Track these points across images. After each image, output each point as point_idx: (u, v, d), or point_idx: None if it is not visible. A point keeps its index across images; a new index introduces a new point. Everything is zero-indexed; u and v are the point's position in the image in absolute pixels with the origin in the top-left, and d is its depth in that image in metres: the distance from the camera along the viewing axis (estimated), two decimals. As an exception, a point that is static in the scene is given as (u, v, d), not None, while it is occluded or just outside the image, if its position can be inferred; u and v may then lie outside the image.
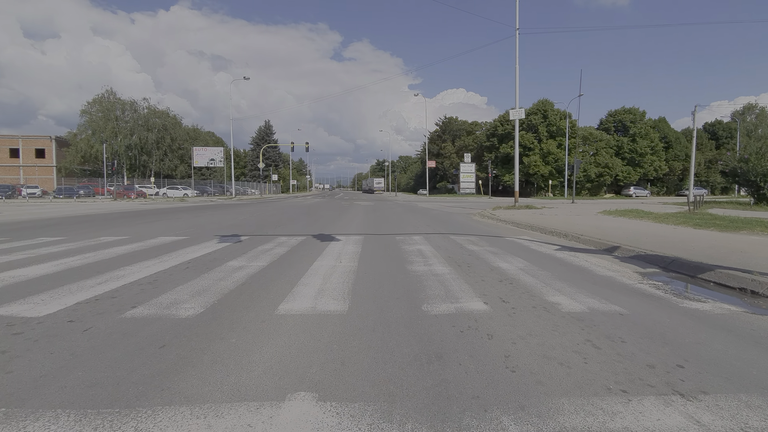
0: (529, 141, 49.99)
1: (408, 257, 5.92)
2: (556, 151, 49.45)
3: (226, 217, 13.95)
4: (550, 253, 6.37)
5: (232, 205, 24.92)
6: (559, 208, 19.54)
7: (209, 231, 9.26)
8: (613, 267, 5.33)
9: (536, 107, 51.73)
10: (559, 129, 50.83)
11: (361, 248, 6.72)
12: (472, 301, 3.63)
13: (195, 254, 6.00)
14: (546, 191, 51.58)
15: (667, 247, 6.33)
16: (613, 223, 10.61)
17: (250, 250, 6.48)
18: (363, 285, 4.22)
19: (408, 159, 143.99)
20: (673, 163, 56.13)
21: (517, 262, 5.54)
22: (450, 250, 6.63)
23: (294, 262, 5.48)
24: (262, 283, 4.29)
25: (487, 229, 10.33)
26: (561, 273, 4.90)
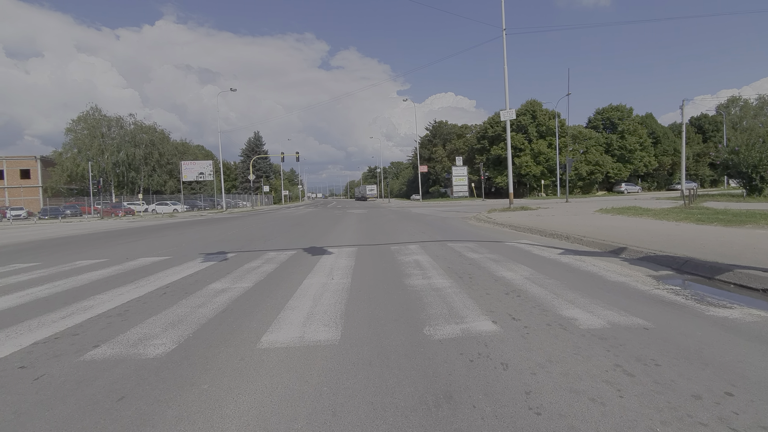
0: (519, 142, 50.09)
1: (405, 269, 5.55)
2: (547, 151, 49.58)
3: (214, 233, 13.48)
4: (554, 258, 6.04)
5: (222, 219, 24.38)
6: (555, 208, 19.33)
7: (194, 249, 8.81)
8: (623, 271, 5.00)
9: (525, 108, 51.94)
10: (548, 129, 51.04)
11: (355, 261, 6.33)
12: (479, 320, 3.26)
13: (175, 276, 5.57)
14: (538, 191, 51.64)
15: (675, 246, 6.03)
16: (612, 221, 10.33)
17: (235, 269, 6.06)
18: (357, 305, 3.83)
19: (400, 165, 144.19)
20: (662, 158, 56.60)
21: (521, 270, 5.19)
22: (449, 259, 6.27)
23: (282, 282, 5.07)
24: (246, 308, 3.88)
25: (484, 233, 10.00)
26: (570, 281, 4.56)
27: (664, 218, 10.11)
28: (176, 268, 6.25)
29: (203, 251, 8.26)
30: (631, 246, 6.21)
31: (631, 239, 6.90)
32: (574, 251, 6.61)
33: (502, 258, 6.18)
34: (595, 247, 6.84)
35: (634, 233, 7.72)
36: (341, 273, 5.44)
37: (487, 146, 55.56)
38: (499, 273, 5.08)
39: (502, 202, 33.67)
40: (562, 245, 7.38)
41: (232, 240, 10.57)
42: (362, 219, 18.13)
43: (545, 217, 12.96)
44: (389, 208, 32.68)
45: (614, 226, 9.26)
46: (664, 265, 5.23)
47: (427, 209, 26.43)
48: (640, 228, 8.57)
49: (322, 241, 9.15)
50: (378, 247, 8.01)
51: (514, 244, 7.77)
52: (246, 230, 14.09)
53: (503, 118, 17.87)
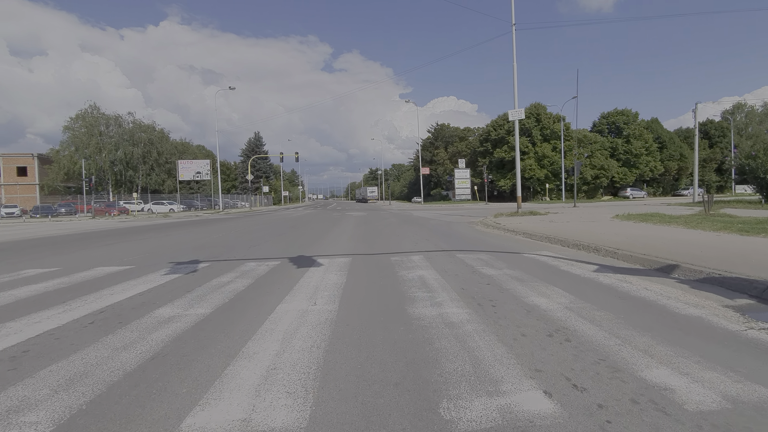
0: (523, 145, 48.92)
1: (407, 290, 4.43)
2: (551, 155, 48.47)
3: (199, 236, 12.39)
4: (591, 278, 4.91)
5: (215, 219, 23.30)
6: (565, 213, 18.20)
7: (166, 256, 7.70)
8: (689, 299, 3.87)
9: (529, 111, 50.83)
10: (553, 132, 49.94)
11: (347, 277, 5.22)
12: (523, 390, 2.13)
13: (120, 295, 4.45)
14: (542, 195, 50.49)
15: (735, 263, 4.90)
16: (640, 230, 9.20)
17: (199, 285, 4.93)
18: (341, 353, 2.71)
19: (401, 167, 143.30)
20: (668, 163, 55.42)
21: (557, 296, 4.06)
22: (461, 276, 5.15)
23: (249, 307, 3.95)
24: (185, 353, 2.76)
25: (496, 242, 8.88)
26: (627, 314, 3.43)
27: (699, 227, 8.98)
28: (130, 283, 5.13)
29: (174, 259, 7.14)
30: (683, 263, 5.08)
31: (677, 254, 5.77)
32: (612, 268, 5.48)
33: (527, 276, 5.05)
34: (636, 263, 5.71)
35: (673, 245, 6.59)
36: (327, 295, 4.31)
37: (490, 149, 54.44)
38: (530, 299, 3.95)
39: (507, 206, 32.52)
40: (592, 259, 6.25)
41: (214, 245, 9.46)
42: (361, 222, 17.02)
43: (560, 224, 11.84)
44: (390, 210, 31.58)
45: (645, 235, 8.12)
46: (738, 291, 4.10)
47: (429, 212, 25.31)
48: (677, 239, 7.43)
49: (312, 249, 8.04)
50: (376, 257, 6.90)
51: (534, 256, 6.64)
52: (234, 233, 13.00)
53: (512, 118, 16.78)
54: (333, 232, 12.52)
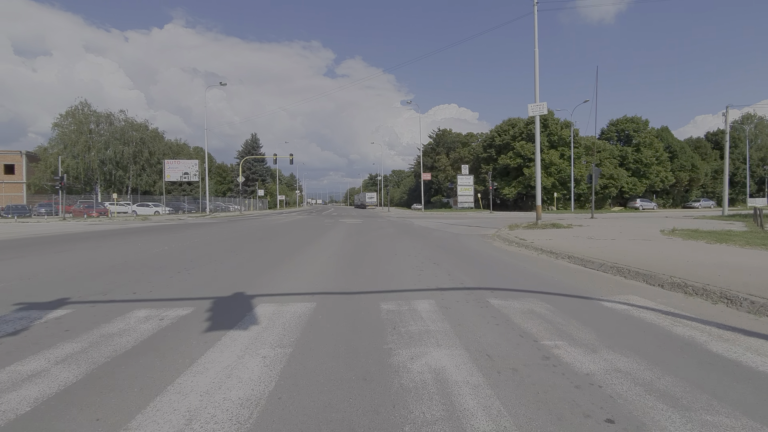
0: (529, 151, 46.39)
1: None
2: (559, 162, 45.89)
3: (144, 246, 9.63)
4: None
5: (192, 225, 20.56)
6: (591, 226, 15.47)
7: (45, 284, 4.97)
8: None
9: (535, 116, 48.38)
10: (560, 138, 47.43)
11: (280, 372, 2.45)
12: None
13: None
14: (549, 204, 47.83)
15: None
16: (732, 255, 6.47)
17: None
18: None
19: (401, 173, 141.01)
20: (679, 173, 52.83)
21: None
22: (524, 372, 2.40)
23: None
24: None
25: (535, 269, 6.15)
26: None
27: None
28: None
29: (38, 294, 4.41)
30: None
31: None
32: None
33: (672, 384, 2.30)
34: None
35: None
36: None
37: (494, 155, 51.91)
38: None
39: (517, 216, 29.76)
40: (735, 318, 3.52)
41: (141, 264, 6.72)
42: (353, 232, 14.29)
43: (601, 241, 9.12)
44: (388, 218, 28.87)
45: (761, 267, 5.39)
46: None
47: (431, 221, 22.58)
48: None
49: (266, 279, 5.32)
50: (356, 302, 4.15)
51: (628, 310, 3.88)
52: (189, 243, 10.25)
53: (532, 113, 14.16)
54: (313, 247, 9.81)
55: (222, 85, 36.18)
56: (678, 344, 2.86)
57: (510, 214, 37.73)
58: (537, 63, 14.32)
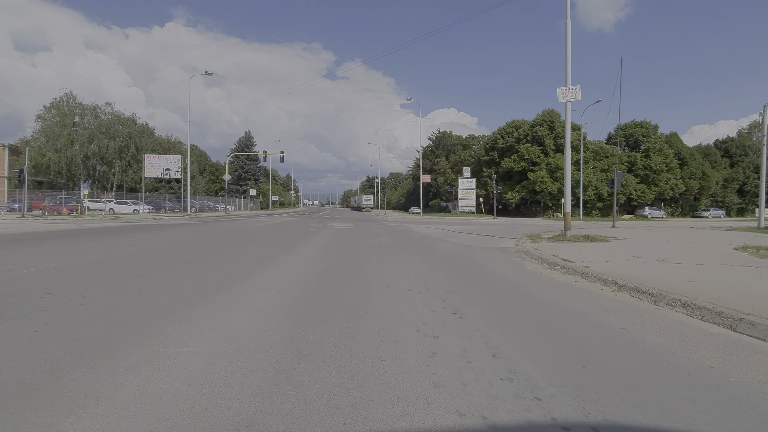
0: (534, 154, 43.73)
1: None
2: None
3: (55, 256, 6.74)
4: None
5: (159, 226, 17.63)
6: (630, 238, 12.58)
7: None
8: None
9: (542, 118, 45.74)
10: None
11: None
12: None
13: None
14: (554, 210, 45.13)
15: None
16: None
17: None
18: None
19: (399, 176, 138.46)
20: (689, 181, 50.26)
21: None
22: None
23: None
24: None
25: (657, 341, 3.33)
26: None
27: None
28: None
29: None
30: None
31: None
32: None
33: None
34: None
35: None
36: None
37: (496, 158, 49.21)
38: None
39: (526, 223, 26.92)
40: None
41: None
42: (336, 243, 11.42)
43: (683, 267, 6.32)
44: (384, 222, 26.03)
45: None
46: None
47: (432, 227, 19.74)
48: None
49: (155, 333, 2.54)
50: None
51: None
52: (120, 252, 7.36)
53: (562, 99, 11.37)
54: (273, 267, 6.95)
55: (207, 74, 33.37)
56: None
57: (515, 220, 34.96)
58: (569, 37, 11.54)
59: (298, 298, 4.59)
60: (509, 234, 15.19)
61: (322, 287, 5.20)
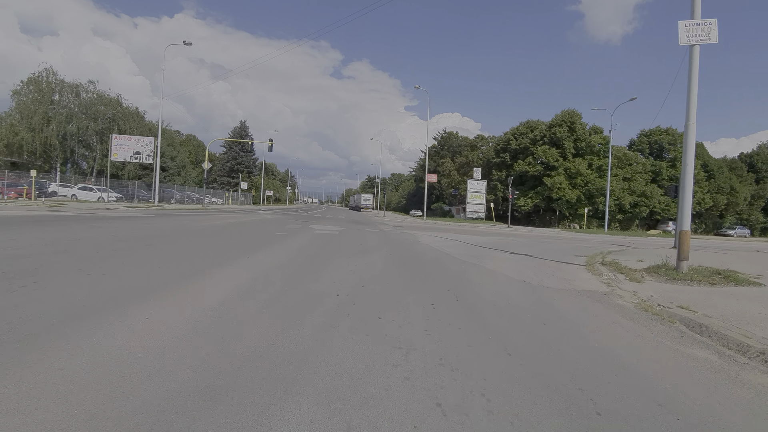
0: (552, 158, 39.10)
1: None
2: (587, 173, 38.59)
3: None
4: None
5: (96, 218, 12.98)
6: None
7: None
8: None
9: (561, 118, 41.14)
10: (588, 146, 40.20)
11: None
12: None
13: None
14: (570, 221, 40.50)
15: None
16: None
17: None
18: None
19: (400, 177, 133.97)
20: (716, 196, 45.68)
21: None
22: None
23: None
24: None
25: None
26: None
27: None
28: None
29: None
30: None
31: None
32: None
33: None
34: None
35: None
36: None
37: (508, 161, 44.65)
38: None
39: (556, 236, 22.00)
40: None
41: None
42: (296, 264, 6.76)
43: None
44: (381, 226, 21.41)
45: None
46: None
47: (442, 237, 15.09)
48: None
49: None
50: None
51: None
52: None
53: (687, 40, 6.67)
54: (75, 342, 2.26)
55: (186, 44, 28.77)
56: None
57: (534, 231, 30.27)
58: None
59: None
60: (555, 254, 10.56)
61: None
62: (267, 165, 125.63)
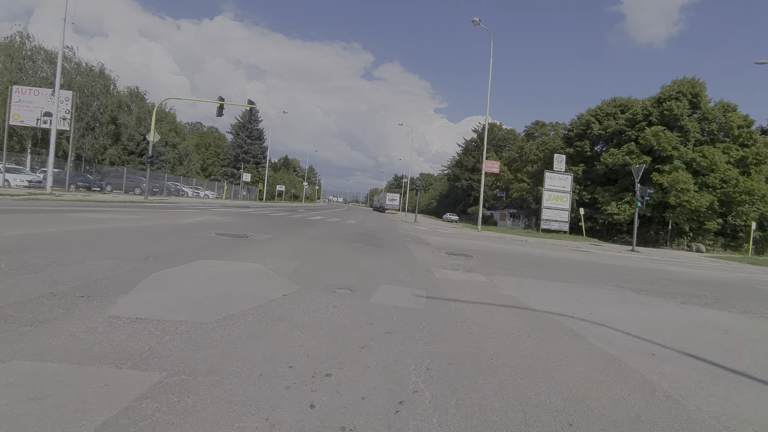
0: (668, 143, 25.94)
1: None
2: (725, 168, 25.20)
3: None
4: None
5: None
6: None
7: None
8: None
9: (676, 88, 27.86)
10: (722, 128, 26.76)
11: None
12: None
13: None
14: (690, 238, 27.13)
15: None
16: None
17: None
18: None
19: (429, 177, 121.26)
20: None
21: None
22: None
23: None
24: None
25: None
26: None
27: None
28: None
29: None
30: None
31: None
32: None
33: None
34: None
35: None
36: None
37: (587, 150, 31.79)
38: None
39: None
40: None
41: None
42: None
43: None
44: (418, 243, 9.66)
45: None
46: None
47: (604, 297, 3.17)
48: None
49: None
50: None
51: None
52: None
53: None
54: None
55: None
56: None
57: (655, 254, 17.23)
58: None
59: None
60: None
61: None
62: (289, 160, 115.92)
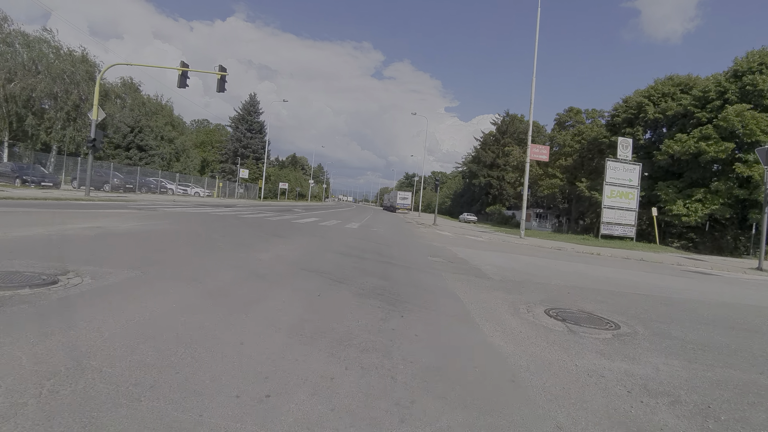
0: (758, 126, 20.31)
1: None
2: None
3: None
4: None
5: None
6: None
7: None
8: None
9: (756, 59, 22.15)
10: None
11: None
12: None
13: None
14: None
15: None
16: None
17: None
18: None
19: (442, 175, 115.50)
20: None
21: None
22: None
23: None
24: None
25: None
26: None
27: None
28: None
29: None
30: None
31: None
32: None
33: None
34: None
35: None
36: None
37: (640, 138, 26.25)
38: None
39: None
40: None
41: None
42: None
43: None
44: (462, 267, 4.72)
45: None
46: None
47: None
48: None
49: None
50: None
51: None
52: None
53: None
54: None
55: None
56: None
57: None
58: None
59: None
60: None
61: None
62: (297, 158, 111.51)
